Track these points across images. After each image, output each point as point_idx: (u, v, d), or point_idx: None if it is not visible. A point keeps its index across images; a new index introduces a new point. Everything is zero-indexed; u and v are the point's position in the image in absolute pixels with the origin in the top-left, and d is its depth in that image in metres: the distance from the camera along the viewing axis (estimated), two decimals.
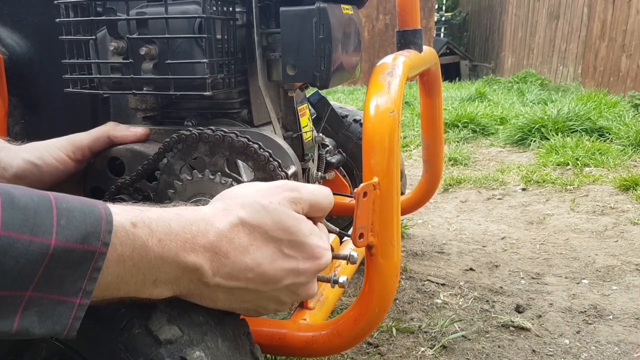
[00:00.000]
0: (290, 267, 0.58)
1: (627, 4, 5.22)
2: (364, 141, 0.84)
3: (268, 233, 0.56)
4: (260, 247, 0.56)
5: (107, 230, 0.45)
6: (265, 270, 0.56)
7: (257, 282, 0.57)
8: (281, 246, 0.57)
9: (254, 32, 0.88)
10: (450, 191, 2.66)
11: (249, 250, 0.55)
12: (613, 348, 1.30)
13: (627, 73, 5.23)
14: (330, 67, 0.84)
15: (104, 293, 0.47)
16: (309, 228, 0.60)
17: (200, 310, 0.60)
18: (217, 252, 0.53)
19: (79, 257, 0.43)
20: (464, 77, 8.96)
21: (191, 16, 0.79)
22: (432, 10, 8.44)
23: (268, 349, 0.92)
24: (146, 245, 0.48)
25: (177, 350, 0.55)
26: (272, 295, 0.60)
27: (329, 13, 0.83)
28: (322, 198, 0.66)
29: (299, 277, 0.60)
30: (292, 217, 0.59)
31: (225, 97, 0.92)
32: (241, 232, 0.55)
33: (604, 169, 2.84)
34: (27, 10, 1.03)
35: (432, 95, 1.47)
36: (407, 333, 1.38)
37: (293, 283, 0.60)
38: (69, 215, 0.43)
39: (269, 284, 0.58)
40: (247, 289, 0.57)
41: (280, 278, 0.58)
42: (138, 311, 0.56)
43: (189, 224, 0.52)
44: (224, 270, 0.54)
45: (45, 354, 0.62)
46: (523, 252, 1.90)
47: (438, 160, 1.58)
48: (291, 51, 0.85)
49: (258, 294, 0.59)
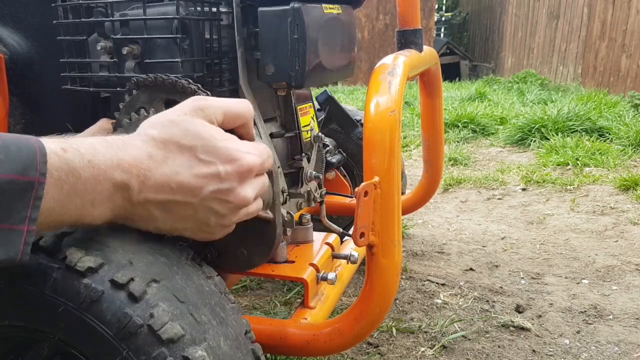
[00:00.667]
0: (209, 172, 0.60)
1: (627, 4, 5.22)
2: (364, 140, 0.84)
3: (180, 142, 0.59)
4: (175, 157, 0.59)
5: (42, 161, 0.49)
6: (186, 179, 0.59)
7: (183, 192, 0.59)
8: (196, 153, 0.60)
9: (235, 33, 0.89)
10: (450, 191, 2.66)
11: (166, 162, 0.59)
12: (613, 348, 1.30)
13: (627, 73, 5.23)
14: (305, 67, 0.85)
15: (48, 220, 0.51)
16: (222, 133, 0.62)
17: (203, 309, 0.60)
18: (139, 168, 0.57)
19: (21, 188, 0.48)
20: (464, 77, 8.97)
21: (167, 17, 0.81)
22: (432, 10, 8.44)
23: (269, 348, 0.92)
24: (78, 167, 0.53)
25: (180, 349, 0.56)
26: (205, 206, 0.61)
27: (304, 13, 0.83)
28: (237, 105, 0.67)
29: (223, 183, 0.61)
30: (201, 124, 0.61)
31: (216, 96, 0.93)
32: (156, 148, 0.59)
33: (604, 169, 2.84)
34: (27, 10, 1.03)
35: (432, 95, 1.47)
36: (407, 333, 1.38)
37: (219, 189, 0.61)
38: (6, 150, 0.47)
39: (195, 192, 0.60)
40: (177, 201, 0.60)
41: (202, 185, 0.60)
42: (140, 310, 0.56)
43: (111, 146, 0.57)
44: (148, 184, 0.58)
45: (47, 353, 0.62)
46: (523, 252, 1.91)
47: (438, 160, 1.58)
48: (269, 51, 0.86)
49: (191, 206, 0.61)
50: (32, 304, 0.58)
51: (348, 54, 0.99)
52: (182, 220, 0.62)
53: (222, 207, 0.63)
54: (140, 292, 0.57)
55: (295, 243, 1.13)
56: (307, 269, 1.01)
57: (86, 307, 0.56)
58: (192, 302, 0.60)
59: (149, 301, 0.57)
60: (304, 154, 1.06)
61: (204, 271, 0.68)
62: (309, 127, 1.10)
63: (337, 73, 0.97)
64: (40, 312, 0.58)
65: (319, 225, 1.20)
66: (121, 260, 0.59)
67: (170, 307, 0.58)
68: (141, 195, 0.58)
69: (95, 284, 0.56)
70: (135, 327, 0.56)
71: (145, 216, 0.60)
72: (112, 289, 0.57)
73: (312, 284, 1.00)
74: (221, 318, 0.62)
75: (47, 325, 0.59)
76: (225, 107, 0.65)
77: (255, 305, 1.53)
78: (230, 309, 0.66)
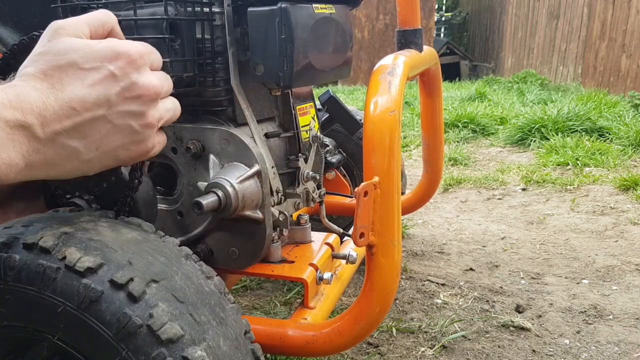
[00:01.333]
0: (102, 76, 0.58)
1: (627, 4, 5.22)
2: (364, 140, 0.84)
3: (58, 64, 0.57)
4: (62, 79, 0.57)
5: None
6: (82, 93, 0.57)
7: (87, 108, 0.57)
8: (79, 65, 0.58)
9: (226, 33, 0.89)
10: (450, 191, 2.66)
11: (55, 87, 0.56)
12: (613, 348, 1.30)
13: (627, 73, 5.23)
14: (293, 67, 0.85)
15: None
16: (95, 40, 0.61)
17: (202, 309, 0.60)
18: (29, 103, 0.55)
19: None
20: (464, 77, 8.97)
21: (156, 17, 0.82)
22: (432, 10, 8.44)
23: (269, 348, 0.92)
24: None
25: (179, 349, 0.56)
26: (117, 112, 0.59)
27: (292, 13, 0.83)
28: (97, 14, 0.65)
29: (121, 80, 0.59)
30: (68, 40, 0.59)
31: (212, 95, 0.94)
32: (37, 80, 0.56)
33: (604, 169, 2.84)
34: (27, 10, 1.03)
35: (432, 95, 1.47)
36: (407, 333, 1.38)
37: (121, 88, 0.58)
38: None
39: (99, 102, 0.58)
40: (87, 120, 0.57)
41: (102, 91, 0.58)
42: (140, 310, 0.56)
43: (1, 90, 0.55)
44: (48, 116, 0.55)
45: (47, 353, 0.62)
46: (523, 252, 1.91)
47: (438, 160, 1.58)
48: (258, 51, 0.86)
49: (103, 120, 0.58)
50: (31, 304, 0.58)
51: (342, 54, 0.99)
52: (105, 139, 0.59)
53: (135, 105, 0.60)
54: (140, 292, 0.57)
55: (294, 243, 1.13)
56: (307, 269, 1.01)
57: (85, 307, 0.56)
58: (192, 302, 0.60)
59: (148, 301, 0.57)
60: (301, 153, 1.06)
61: (204, 271, 0.68)
62: (308, 127, 1.10)
63: (329, 73, 0.97)
64: (40, 312, 0.58)
65: (319, 225, 1.20)
66: (120, 260, 0.59)
67: (170, 307, 0.58)
68: (47, 129, 0.55)
69: (95, 284, 0.56)
70: (135, 327, 0.56)
71: (64, 153, 0.58)
72: (111, 289, 0.57)
73: (312, 284, 1.00)
74: (221, 318, 0.62)
75: (46, 325, 0.59)
76: (85, 19, 0.63)
77: (255, 305, 1.53)
78: (230, 309, 0.66)
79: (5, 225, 0.65)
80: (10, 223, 0.65)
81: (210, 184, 0.87)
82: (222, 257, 0.97)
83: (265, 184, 0.91)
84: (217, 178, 0.87)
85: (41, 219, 0.65)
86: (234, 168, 0.89)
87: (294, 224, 1.13)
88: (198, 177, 0.93)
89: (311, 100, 1.14)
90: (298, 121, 1.06)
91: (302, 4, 0.87)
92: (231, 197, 0.86)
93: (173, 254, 0.66)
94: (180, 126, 0.93)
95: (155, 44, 0.86)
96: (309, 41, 0.88)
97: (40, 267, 0.58)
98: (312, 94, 1.15)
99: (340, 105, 1.29)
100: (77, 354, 0.59)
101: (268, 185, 0.92)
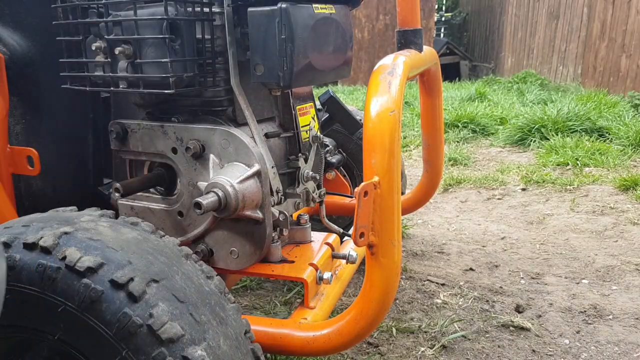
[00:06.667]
0: None
1: (627, 4, 5.22)
2: (364, 140, 0.84)
3: None
4: None
5: None
6: None
7: None
8: None
9: (226, 33, 0.89)
10: (450, 191, 2.66)
11: None
12: (613, 348, 1.30)
13: (627, 73, 5.23)
14: (293, 67, 0.85)
15: None
16: None
17: (203, 309, 0.60)
18: None
19: None
20: (464, 77, 8.96)
21: (156, 18, 0.82)
22: (432, 10, 8.44)
23: (269, 348, 0.92)
24: None
25: (179, 349, 0.56)
26: None
27: (292, 13, 0.83)
28: None
29: None
30: None
31: (213, 95, 0.94)
32: None
33: (603, 169, 2.84)
34: (27, 11, 1.03)
35: (432, 95, 1.47)
36: (407, 333, 1.38)
37: None
38: None
39: None
40: None
41: None
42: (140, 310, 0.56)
43: None
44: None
45: (47, 353, 0.62)
46: (523, 252, 1.91)
47: (438, 160, 1.58)
48: (258, 51, 0.87)
49: None
50: (32, 304, 0.58)
51: (343, 54, 0.99)
52: None
53: None
54: (140, 292, 0.57)
55: (294, 243, 1.13)
56: (307, 269, 1.01)
57: (86, 307, 0.56)
58: (192, 302, 0.60)
59: (148, 301, 0.57)
60: (301, 153, 1.06)
61: (204, 271, 0.68)
62: (308, 127, 1.10)
63: (329, 73, 0.97)
64: (40, 312, 0.58)
65: (319, 225, 1.20)
66: (121, 260, 0.59)
67: (170, 307, 0.58)
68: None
69: (95, 284, 0.56)
70: (135, 327, 0.56)
71: None
72: (111, 288, 0.57)
73: (312, 284, 1.00)
74: (221, 318, 0.62)
75: (47, 325, 0.59)
76: None
77: (255, 305, 1.53)
78: (230, 308, 0.66)
79: (5, 225, 0.65)
80: (10, 223, 0.65)
81: (211, 184, 0.87)
82: (222, 257, 0.97)
83: (265, 184, 0.91)
84: (217, 178, 0.87)
85: (41, 219, 0.65)
86: (234, 168, 0.89)
87: (294, 224, 1.14)
88: (198, 177, 0.93)
89: (311, 100, 1.14)
90: (298, 121, 1.06)
91: (302, 4, 0.87)
92: (231, 197, 0.86)
93: (173, 254, 0.66)
94: (181, 126, 0.93)
95: (157, 44, 0.86)
96: (309, 41, 0.88)
97: (40, 267, 0.58)
98: (312, 94, 1.15)
99: (340, 105, 1.29)
100: (78, 353, 0.59)
101: (268, 185, 0.92)
